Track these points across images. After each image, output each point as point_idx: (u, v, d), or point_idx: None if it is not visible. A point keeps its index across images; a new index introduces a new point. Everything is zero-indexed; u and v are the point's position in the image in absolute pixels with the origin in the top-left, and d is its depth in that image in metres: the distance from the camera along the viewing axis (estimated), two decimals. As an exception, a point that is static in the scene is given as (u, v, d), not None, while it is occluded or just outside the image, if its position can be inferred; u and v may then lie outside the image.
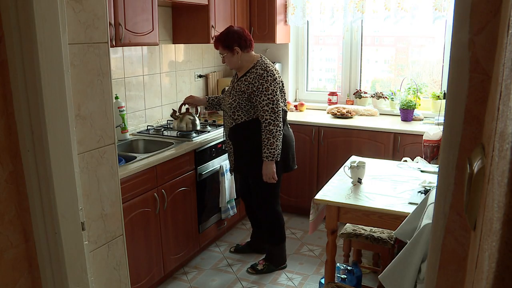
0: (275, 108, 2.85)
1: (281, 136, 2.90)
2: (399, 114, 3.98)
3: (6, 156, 1.27)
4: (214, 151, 3.37)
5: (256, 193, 3.15)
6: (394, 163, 3.01)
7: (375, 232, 2.74)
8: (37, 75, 1.21)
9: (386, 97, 4.18)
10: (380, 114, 4.18)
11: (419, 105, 4.00)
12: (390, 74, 4.55)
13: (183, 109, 3.33)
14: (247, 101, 2.91)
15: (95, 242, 1.54)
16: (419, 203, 2.01)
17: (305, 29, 4.51)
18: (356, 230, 2.78)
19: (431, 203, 1.79)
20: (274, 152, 2.87)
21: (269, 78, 2.87)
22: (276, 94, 2.86)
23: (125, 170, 2.53)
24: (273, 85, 2.87)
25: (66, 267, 1.34)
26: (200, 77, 4.17)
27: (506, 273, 0.45)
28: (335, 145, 3.87)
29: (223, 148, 3.46)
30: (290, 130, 3.16)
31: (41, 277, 1.37)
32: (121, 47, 3.17)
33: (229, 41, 2.95)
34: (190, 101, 3.30)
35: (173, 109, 3.36)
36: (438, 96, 3.92)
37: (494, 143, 0.53)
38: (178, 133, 3.32)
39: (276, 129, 2.86)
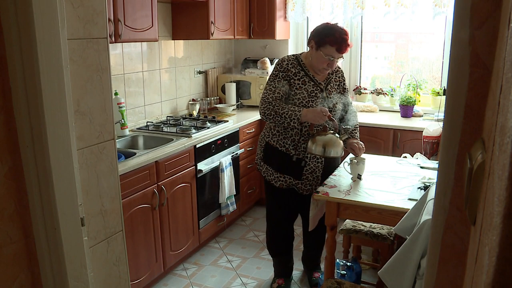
0: None
1: None
2: (399, 110, 3.98)
3: (5, 152, 1.27)
4: (214, 147, 3.37)
5: None
6: (394, 159, 3.01)
7: (375, 228, 2.74)
8: (36, 70, 1.20)
9: (385, 94, 4.18)
10: (379, 110, 4.18)
11: (419, 101, 4.00)
12: (390, 71, 4.55)
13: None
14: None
15: (95, 237, 1.54)
16: (418, 199, 2.01)
17: (305, 25, 4.50)
18: (355, 226, 2.78)
19: (430, 199, 1.79)
20: None
21: None
22: None
23: (125, 166, 2.53)
24: None
25: (65, 262, 1.34)
26: (199, 73, 4.16)
27: (507, 266, 0.45)
28: (335, 141, 3.86)
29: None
30: None
31: (41, 272, 1.37)
32: (121, 43, 3.16)
33: None
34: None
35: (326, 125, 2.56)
36: (438, 92, 3.92)
37: (494, 137, 0.53)
38: (178, 128, 3.32)
39: None
